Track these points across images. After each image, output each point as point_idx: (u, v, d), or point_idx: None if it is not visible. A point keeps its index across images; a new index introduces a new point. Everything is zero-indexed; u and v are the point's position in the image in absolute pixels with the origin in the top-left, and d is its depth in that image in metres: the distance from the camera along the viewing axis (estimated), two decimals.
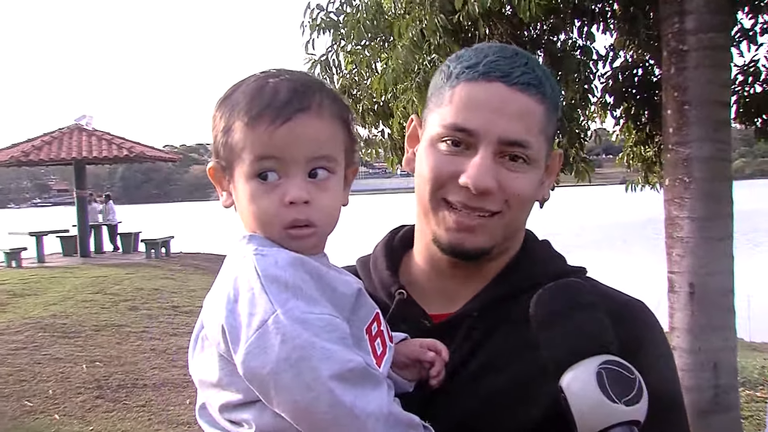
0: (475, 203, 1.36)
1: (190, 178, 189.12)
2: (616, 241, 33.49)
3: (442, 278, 1.49)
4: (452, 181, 1.36)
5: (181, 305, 14.07)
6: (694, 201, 5.56)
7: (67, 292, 15.05)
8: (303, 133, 1.22)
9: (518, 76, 1.35)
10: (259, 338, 1.11)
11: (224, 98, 1.30)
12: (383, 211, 41.58)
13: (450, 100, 1.37)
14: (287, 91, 1.24)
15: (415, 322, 1.43)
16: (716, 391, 5.59)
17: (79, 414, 7.86)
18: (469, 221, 1.37)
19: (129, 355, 10.29)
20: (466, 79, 1.36)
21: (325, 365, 1.09)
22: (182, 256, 23.74)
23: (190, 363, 1.32)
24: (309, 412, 1.09)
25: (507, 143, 1.35)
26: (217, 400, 1.23)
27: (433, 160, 1.39)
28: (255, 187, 1.24)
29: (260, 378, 1.11)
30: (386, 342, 1.30)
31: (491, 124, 1.34)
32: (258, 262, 1.18)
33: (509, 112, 1.34)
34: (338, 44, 6.88)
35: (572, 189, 63.50)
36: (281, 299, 1.13)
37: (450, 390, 1.34)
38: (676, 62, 5.61)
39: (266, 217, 1.24)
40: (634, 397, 1.07)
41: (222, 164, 1.30)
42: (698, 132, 5.54)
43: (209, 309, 1.23)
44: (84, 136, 23.89)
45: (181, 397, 8.45)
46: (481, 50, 1.40)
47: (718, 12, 5.55)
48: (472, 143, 1.35)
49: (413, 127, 1.53)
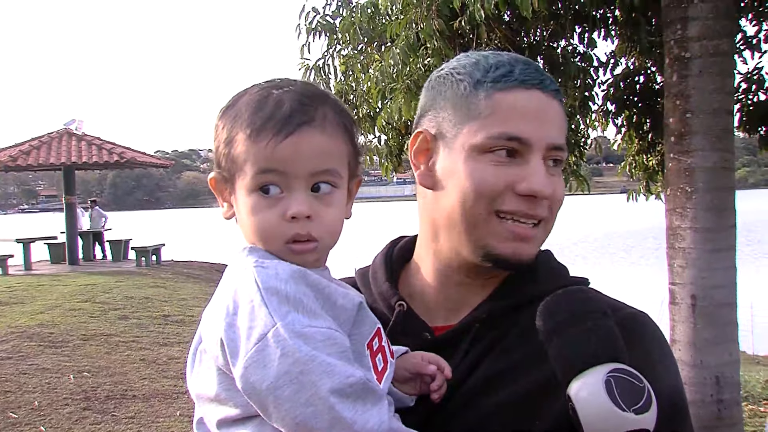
0: (531, 211, 1.36)
1: (182, 184, 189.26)
2: (617, 252, 33.47)
3: (447, 290, 1.47)
4: (507, 190, 1.35)
5: (171, 314, 13.93)
6: (696, 211, 5.47)
7: (55, 300, 14.87)
8: (306, 148, 1.21)
9: (549, 83, 1.38)
10: (259, 352, 1.10)
11: (227, 108, 1.28)
12: (379, 219, 41.59)
13: (491, 110, 1.35)
14: (291, 103, 1.22)
15: (416, 335, 1.42)
16: (719, 406, 5.49)
17: (66, 426, 7.68)
18: (526, 231, 1.37)
19: (118, 365, 10.12)
20: (503, 88, 1.36)
21: (325, 380, 1.08)
22: (173, 264, 23.61)
23: (188, 377, 1.30)
24: (308, 427, 1.08)
25: (553, 148, 1.37)
26: (215, 415, 1.22)
27: (482, 172, 1.36)
28: (256, 201, 1.23)
29: (259, 392, 1.10)
30: (387, 358, 1.29)
31: (541, 131, 1.35)
32: (258, 274, 1.17)
33: (551, 118, 1.37)
34: (334, 48, 6.79)
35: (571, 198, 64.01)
36: (281, 312, 1.12)
37: (452, 405, 1.32)
38: (679, 69, 5.52)
39: (267, 231, 1.23)
40: (643, 406, 1.06)
41: (224, 175, 1.28)
42: (701, 141, 5.45)
43: (208, 322, 1.22)
44: (73, 141, 23.73)
45: (171, 409, 8.29)
46: (500, 59, 1.40)
47: (723, 18, 5.46)
48: (521, 151, 1.35)
49: (422, 140, 1.47)
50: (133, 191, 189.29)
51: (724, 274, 5.53)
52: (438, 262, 1.47)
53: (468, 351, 1.37)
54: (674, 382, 1.35)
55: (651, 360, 1.29)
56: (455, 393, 1.32)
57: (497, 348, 1.36)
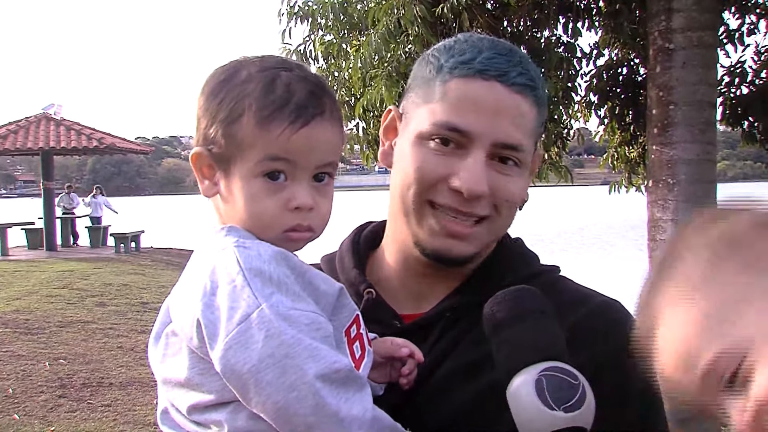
0: (465, 208, 1.32)
1: (163, 171, 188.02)
2: (597, 243, 33.60)
3: (414, 278, 1.44)
4: (442, 183, 1.32)
5: (150, 301, 13.84)
6: (678, 203, 5.48)
7: (32, 286, 14.73)
8: (319, 139, 1.20)
9: (515, 76, 1.29)
10: (241, 333, 1.06)
11: (223, 81, 1.22)
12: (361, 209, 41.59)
13: (442, 96, 1.31)
14: (303, 91, 1.19)
15: (385, 323, 1.39)
16: None
17: (41, 414, 7.60)
18: (460, 228, 1.33)
19: (95, 352, 10.03)
20: (460, 75, 1.30)
21: (311, 364, 1.05)
22: (153, 251, 23.49)
23: (151, 361, 1.26)
24: (291, 413, 1.05)
25: (502, 146, 1.30)
26: (186, 401, 1.17)
27: (420, 158, 1.33)
28: (259, 187, 1.19)
29: (240, 375, 1.06)
30: (365, 346, 1.26)
31: (487, 126, 1.29)
32: (240, 254, 1.13)
33: (506, 114, 1.29)
34: (315, 34, 6.73)
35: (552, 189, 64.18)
36: (265, 293, 1.08)
37: (423, 394, 1.30)
38: (663, 61, 5.52)
39: (267, 219, 1.20)
40: (575, 404, 1.05)
41: (215, 153, 1.21)
42: (684, 133, 5.46)
43: (179, 302, 1.18)
44: (52, 126, 23.50)
45: (149, 397, 8.23)
46: (474, 44, 1.33)
47: (707, 10, 5.46)
48: (463, 143, 1.30)
49: (391, 118, 1.47)
50: (112, 177, 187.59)
51: None
52: (399, 250, 1.45)
53: (438, 340, 1.35)
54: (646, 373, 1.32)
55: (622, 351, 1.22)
56: (426, 382, 1.30)
57: (467, 338, 1.34)
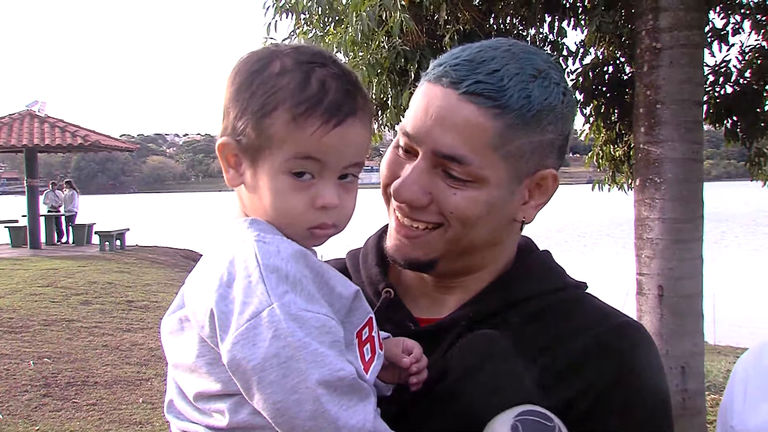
0: (410, 213, 1.32)
1: (148, 169, 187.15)
2: (582, 242, 33.69)
3: (432, 283, 1.44)
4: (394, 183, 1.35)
5: (135, 300, 13.73)
6: (665, 202, 5.50)
7: (16, 285, 14.56)
8: (350, 140, 1.20)
9: (470, 84, 1.24)
10: (250, 329, 1.07)
11: (256, 72, 1.21)
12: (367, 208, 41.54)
13: (412, 101, 1.34)
14: (338, 90, 1.19)
15: (400, 324, 1.39)
16: (683, 396, 5.55)
17: (25, 413, 7.52)
18: (406, 231, 1.35)
19: (79, 351, 9.93)
20: (426, 80, 1.32)
21: (314, 370, 1.05)
22: (138, 250, 23.31)
23: (163, 339, 1.26)
24: (290, 415, 1.05)
25: (442, 156, 1.27)
26: (193, 388, 1.19)
27: (386, 160, 1.38)
28: (286, 183, 1.19)
29: (244, 370, 1.07)
30: (376, 348, 1.25)
31: (428, 134, 1.28)
32: (259, 249, 1.13)
33: (450, 123, 1.26)
34: (300, 28, 6.69)
35: None
36: (279, 292, 1.08)
37: (431, 399, 1.29)
38: (650, 60, 5.53)
39: (292, 216, 1.21)
40: None
41: (244, 144, 1.21)
42: (671, 131, 5.48)
43: (195, 289, 1.18)
44: (36, 123, 23.25)
45: (134, 396, 8.16)
46: (462, 50, 1.32)
47: (694, 9, 5.47)
48: (414, 149, 1.31)
49: None
50: (97, 175, 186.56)
51: (691, 265, 5.57)
52: None
53: (449, 348, 1.33)
54: (656, 389, 1.33)
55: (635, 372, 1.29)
56: (435, 387, 1.29)
57: None
